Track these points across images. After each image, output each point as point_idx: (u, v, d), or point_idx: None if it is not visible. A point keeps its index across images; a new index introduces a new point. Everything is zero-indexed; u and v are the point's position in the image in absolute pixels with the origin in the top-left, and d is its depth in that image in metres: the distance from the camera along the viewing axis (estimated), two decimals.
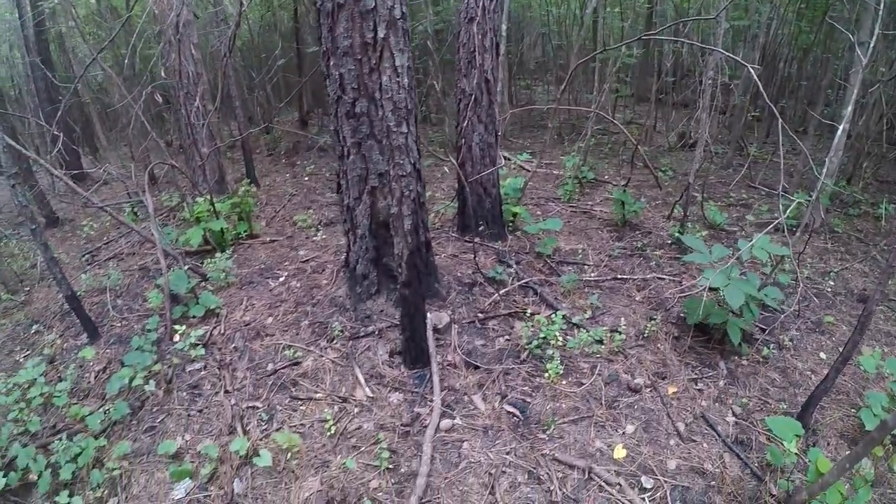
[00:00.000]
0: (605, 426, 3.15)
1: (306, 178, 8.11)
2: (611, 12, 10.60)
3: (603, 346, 3.78)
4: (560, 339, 3.72)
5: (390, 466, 2.87)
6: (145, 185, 4.92)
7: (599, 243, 5.56)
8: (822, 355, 3.98)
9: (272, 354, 3.84)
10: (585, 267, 4.99)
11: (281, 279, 4.83)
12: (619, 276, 4.80)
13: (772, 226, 3.55)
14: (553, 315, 3.89)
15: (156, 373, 3.77)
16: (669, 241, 5.62)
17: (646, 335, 3.97)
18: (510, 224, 5.63)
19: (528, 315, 4.04)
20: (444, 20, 9.57)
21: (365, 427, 3.16)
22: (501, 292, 4.23)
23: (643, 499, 2.71)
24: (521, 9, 12.10)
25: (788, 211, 3.60)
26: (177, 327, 4.10)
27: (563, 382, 3.47)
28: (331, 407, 3.32)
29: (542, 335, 3.71)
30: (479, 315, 3.99)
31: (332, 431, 3.11)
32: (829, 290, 4.90)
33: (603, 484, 2.75)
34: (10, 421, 3.43)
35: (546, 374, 3.48)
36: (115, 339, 4.35)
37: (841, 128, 6.27)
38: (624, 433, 3.11)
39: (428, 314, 3.60)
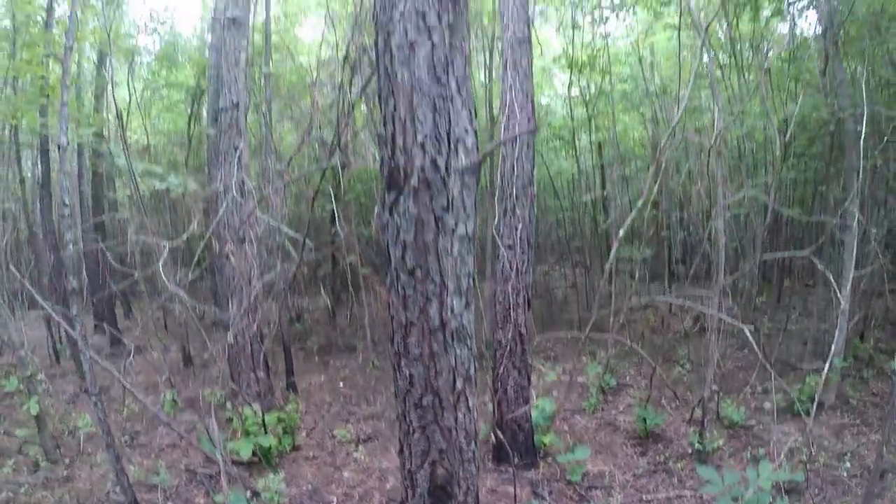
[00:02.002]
0: None
1: (341, 384, 9.06)
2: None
3: None
4: None
5: None
6: (212, 414, 5.81)
7: (624, 460, 6.31)
8: None
9: None
10: (612, 490, 5.71)
11: None
12: (644, 499, 5.50)
13: (790, 446, 4.32)
14: None
15: None
16: (690, 451, 6.34)
17: None
18: (541, 450, 6.41)
19: None
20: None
21: None
22: None
23: None
24: (540, 199, 13.82)
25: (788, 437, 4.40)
26: None
27: None
28: None
29: None
30: None
31: None
32: (846, 472, 5.45)
33: None
34: None
35: None
36: None
37: (840, 309, 7.11)
38: None
39: None
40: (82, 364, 5.19)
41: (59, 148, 7.22)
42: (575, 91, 11.44)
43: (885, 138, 7.65)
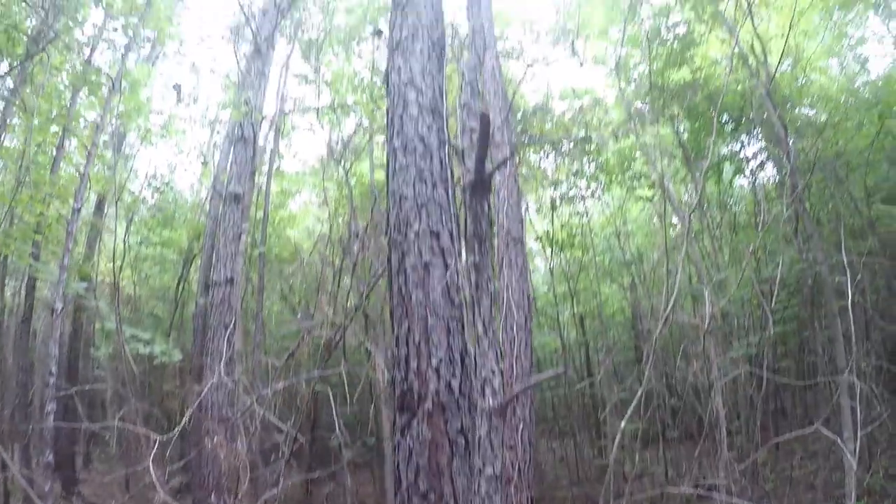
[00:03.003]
0: None
1: None
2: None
3: None
4: None
5: None
6: None
7: None
8: None
9: None
10: None
11: None
12: None
13: None
14: None
15: None
16: None
17: None
18: None
19: None
20: None
21: None
22: None
23: None
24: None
25: None
26: None
27: None
28: None
29: None
30: None
31: None
32: None
33: None
34: None
35: None
36: None
37: (853, 469, 6.74)
38: None
39: None
40: None
41: (52, 312, 7.06)
42: (555, 263, 11.80)
43: (858, 275, 7.90)
